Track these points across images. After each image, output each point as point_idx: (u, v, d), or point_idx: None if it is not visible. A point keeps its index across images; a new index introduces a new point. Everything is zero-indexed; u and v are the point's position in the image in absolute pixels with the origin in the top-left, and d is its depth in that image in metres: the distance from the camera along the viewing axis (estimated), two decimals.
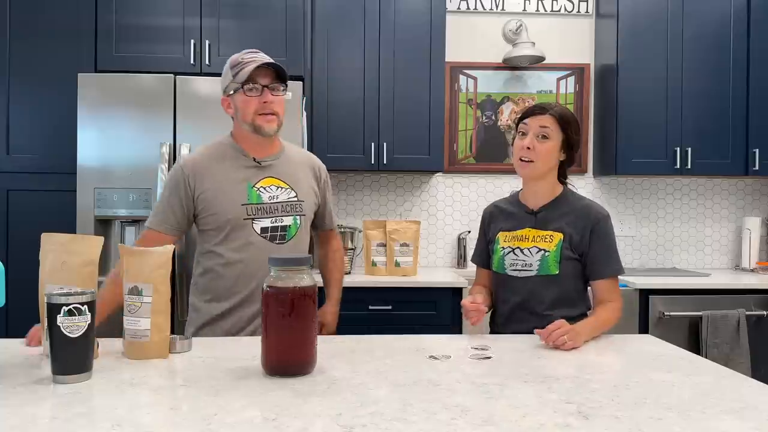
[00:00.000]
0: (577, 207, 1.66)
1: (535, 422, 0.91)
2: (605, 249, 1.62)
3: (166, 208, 1.67)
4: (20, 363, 1.22)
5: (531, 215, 1.69)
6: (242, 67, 1.61)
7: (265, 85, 1.63)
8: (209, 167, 1.68)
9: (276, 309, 1.13)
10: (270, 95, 1.63)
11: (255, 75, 1.61)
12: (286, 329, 1.13)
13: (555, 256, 1.61)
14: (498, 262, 1.70)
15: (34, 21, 2.81)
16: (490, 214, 1.80)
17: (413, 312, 2.79)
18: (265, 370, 1.15)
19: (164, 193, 1.70)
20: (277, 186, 1.71)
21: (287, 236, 1.70)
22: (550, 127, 1.61)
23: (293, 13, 2.88)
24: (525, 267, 1.64)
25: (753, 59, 3.20)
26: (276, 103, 1.64)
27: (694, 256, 3.57)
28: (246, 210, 1.65)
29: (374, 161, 3.11)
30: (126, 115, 2.62)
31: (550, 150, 1.61)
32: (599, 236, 1.62)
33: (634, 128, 3.20)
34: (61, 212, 2.68)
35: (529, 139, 1.61)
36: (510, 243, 1.69)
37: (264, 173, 1.70)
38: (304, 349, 1.15)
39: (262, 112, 1.63)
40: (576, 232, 1.62)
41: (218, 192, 1.65)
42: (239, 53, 1.67)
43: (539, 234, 1.65)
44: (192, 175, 1.66)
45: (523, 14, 3.51)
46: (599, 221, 1.62)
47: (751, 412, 0.97)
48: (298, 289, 1.13)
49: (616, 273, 1.63)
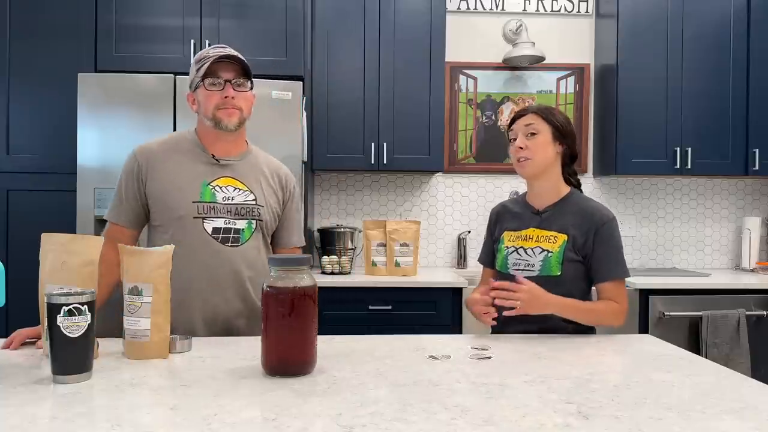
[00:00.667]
0: (582, 208, 1.65)
1: (535, 422, 0.91)
2: (610, 252, 1.62)
3: (123, 200, 1.60)
4: (20, 363, 1.22)
5: (536, 215, 1.70)
6: (206, 61, 1.55)
7: (228, 80, 1.56)
8: (163, 159, 1.60)
9: (276, 309, 1.13)
10: (232, 90, 1.56)
11: (216, 69, 1.55)
12: (286, 329, 1.13)
13: (558, 257, 1.61)
14: (501, 262, 1.71)
15: (34, 21, 2.81)
16: (497, 213, 1.81)
17: (413, 312, 2.79)
18: (265, 370, 1.15)
19: (119, 182, 1.62)
20: (234, 187, 1.61)
21: (240, 240, 1.59)
22: (535, 122, 1.64)
23: (293, 14, 2.88)
24: (527, 267, 1.64)
25: (753, 59, 3.20)
26: (239, 98, 1.57)
27: (694, 256, 3.57)
28: (197, 208, 1.56)
29: (374, 161, 3.11)
30: (126, 115, 2.63)
31: (542, 143, 1.64)
32: (604, 239, 1.61)
33: (634, 128, 3.20)
34: (61, 212, 2.68)
35: (520, 139, 1.65)
36: (514, 243, 1.69)
37: (222, 172, 1.61)
38: (304, 349, 1.15)
39: (223, 107, 1.56)
40: (580, 234, 1.62)
41: (170, 185, 1.57)
42: (205, 48, 1.63)
43: (543, 234, 1.65)
44: (145, 164, 1.59)
45: (523, 14, 3.51)
46: (605, 224, 1.62)
47: (751, 412, 0.97)
48: (298, 289, 1.13)
49: (620, 276, 1.62)
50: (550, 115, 1.65)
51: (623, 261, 1.64)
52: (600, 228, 1.62)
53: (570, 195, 1.69)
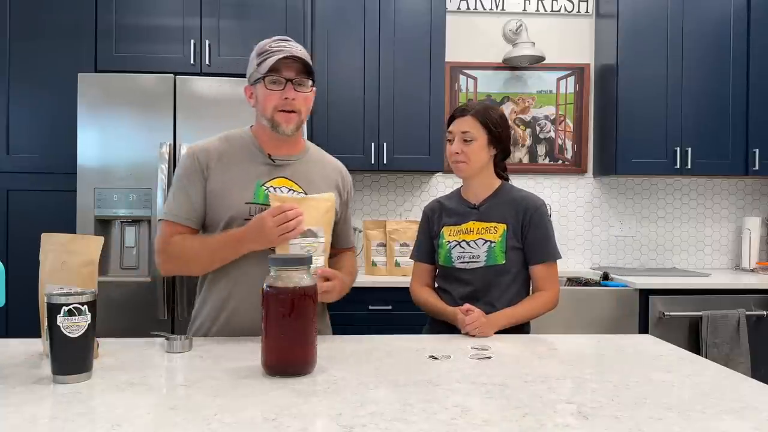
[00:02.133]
0: (514, 198, 1.75)
1: (535, 422, 0.91)
2: (540, 235, 1.71)
3: (187, 199, 1.51)
4: (20, 363, 1.22)
5: (474, 209, 1.76)
6: (267, 56, 1.47)
7: (289, 78, 1.48)
8: (220, 158, 1.54)
9: (276, 309, 1.13)
10: (293, 91, 1.49)
11: (279, 66, 1.47)
12: (286, 329, 1.13)
13: (501, 246, 1.69)
14: (445, 256, 1.75)
15: (34, 21, 2.81)
16: (434, 209, 1.85)
17: (413, 312, 2.78)
18: (265, 370, 1.15)
19: (179, 183, 1.53)
20: (289, 188, 1.54)
21: None
22: (471, 130, 1.71)
23: (293, 13, 2.88)
24: (473, 259, 1.70)
25: (753, 59, 3.20)
26: (299, 99, 1.51)
27: (694, 256, 3.57)
28: (249, 209, 1.49)
29: (374, 161, 3.11)
30: (126, 115, 2.63)
31: (476, 150, 1.71)
32: (535, 224, 1.70)
33: (634, 128, 3.20)
34: (61, 212, 2.68)
35: (456, 144, 1.72)
36: (455, 237, 1.74)
37: (277, 173, 1.55)
38: (304, 349, 1.15)
39: (282, 109, 1.50)
40: (516, 222, 1.71)
41: (225, 185, 1.51)
42: (268, 39, 1.53)
43: (483, 226, 1.73)
44: (205, 161, 1.52)
45: (523, 14, 3.51)
46: (536, 209, 1.72)
47: (751, 412, 0.97)
48: (298, 289, 1.13)
49: (550, 259, 1.71)
50: (488, 120, 1.71)
51: (554, 244, 1.74)
52: (533, 214, 1.71)
53: (502, 187, 1.79)
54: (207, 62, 2.84)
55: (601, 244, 3.54)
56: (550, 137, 3.53)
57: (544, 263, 1.71)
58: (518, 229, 1.71)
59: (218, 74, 2.78)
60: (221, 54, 2.86)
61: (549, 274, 1.72)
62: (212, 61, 2.84)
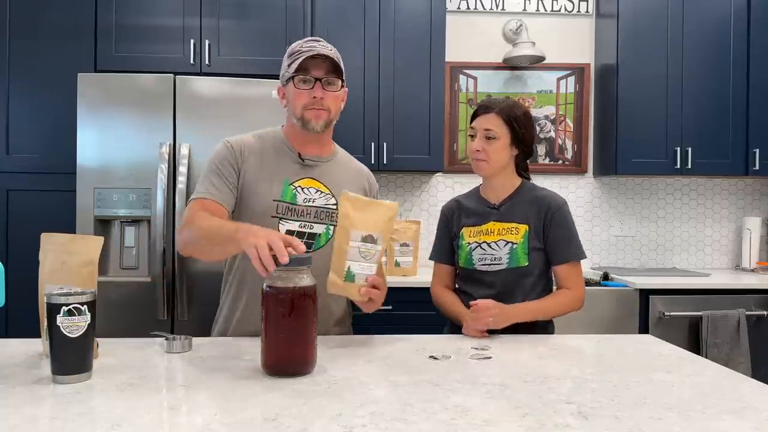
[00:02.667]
0: (536, 197, 1.70)
1: (535, 422, 0.91)
2: (562, 235, 1.66)
3: (222, 181, 1.50)
4: (20, 363, 1.22)
5: (494, 209, 1.72)
6: (299, 56, 1.50)
7: (318, 78, 1.50)
8: (253, 152, 1.55)
9: (276, 309, 1.13)
10: (321, 90, 1.50)
11: (308, 66, 1.49)
12: (285, 329, 1.13)
13: (523, 248, 1.65)
14: (465, 258, 1.72)
15: (34, 21, 2.81)
16: (452, 209, 1.81)
17: (413, 312, 2.78)
18: (264, 370, 1.15)
19: (213, 168, 1.52)
20: (316, 189, 1.55)
21: (314, 246, 1.53)
22: (494, 128, 1.67)
23: (293, 13, 2.88)
24: (494, 261, 1.67)
25: (753, 59, 3.20)
26: (328, 98, 1.52)
27: (694, 256, 3.57)
28: (276, 207, 1.51)
29: (374, 161, 3.11)
30: (126, 115, 2.62)
31: (498, 149, 1.67)
32: (557, 223, 1.66)
33: (634, 128, 3.20)
34: (61, 212, 2.68)
35: (477, 141, 1.68)
36: (476, 238, 1.71)
37: (306, 173, 1.56)
38: (303, 349, 1.15)
39: (311, 107, 1.51)
40: (537, 222, 1.67)
41: (256, 179, 1.52)
42: (300, 41, 1.55)
43: (504, 227, 1.69)
44: (239, 152, 1.53)
45: (523, 14, 3.51)
46: (558, 208, 1.67)
47: (751, 412, 0.97)
48: (298, 289, 1.13)
49: (574, 258, 1.67)
50: (512, 119, 1.67)
51: (577, 243, 1.68)
52: (555, 213, 1.67)
53: (522, 186, 1.74)
54: (207, 62, 2.84)
55: (601, 244, 3.54)
56: (551, 137, 3.53)
57: (567, 263, 1.66)
58: (540, 229, 1.66)
59: (218, 74, 2.78)
60: (221, 54, 2.86)
61: (573, 273, 1.67)
62: (212, 61, 2.84)
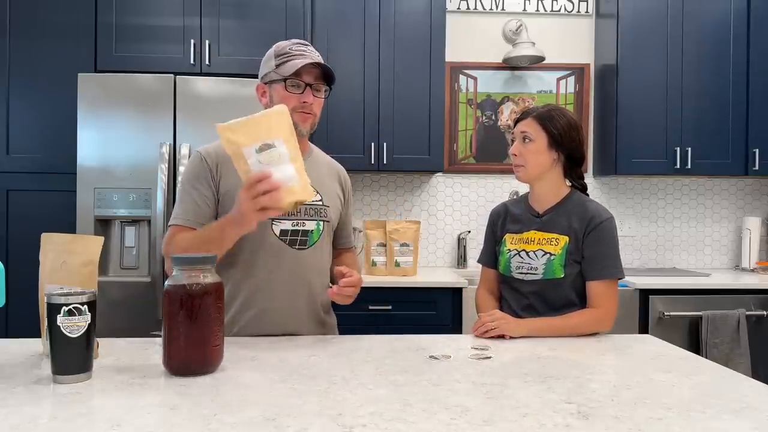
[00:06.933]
0: (581, 209, 1.64)
1: (535, 422, 0.91)
2: (599, 251, 1.60)
3: (197, 201, 1.51)
4: (20, 363, 1.22)
5: (537, 218, 1.69)
6: (288, 59, 1.50)
7: (308, 83, 1.51)
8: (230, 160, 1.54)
9: (175, 308, 1.12)
10: (311, 96, 1.52)
11: (300, 71, 1.50)
12: (187, 328, 1.12)
13: (560, 260, 1.61)
14: (504, 265, 1.70)
15: (34, 21, 2.81)
16: (499, 213, 1.80)
17: (413, 312, 2.79)
18: (167, 370, 1.14)
19: (187, 187, 1.53)
20: None
21: (308, 242, 1.57)
22: (529, 130, 1.64)
23: (293, 14, 2.88)
24: (530, 270, 1.64)
25: (753, 59, 3.20)
26: (316, 104, 1.54)
27: (694, 256, 3.57)
28: None
29: (374, 161, 3.11)
30: (126, 115, 2.63)
31: (534, 151, 1.64)
32: (597, 237, 1.60)
33: (634, 128, 3.20)
34: (61, 212, 2.68)
35: (515, 145, 1.67)
36: (516, 245, 1.69)
37: None
38: (204, 349, 1.14)
39: (300, 111, 1.51)
40: (578, 234, 1.62)
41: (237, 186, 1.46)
42: (288, 41, 1.55)
43: (545, 237, 1.65)
44: (214, 164, 1.53)
45: (523, 14, 3.51)
46: (600, 223, 1.61)
47: (751, 412, 0.97)
48: (198, 286, 1.13)
49: (609, 276, 1.59)
50: (549, 121, 1.63)
51: (616, 262, 1.61)
52: (596, 227, 1.60)
53: (569, 196, 1.68)
54: (207, 62, 2.84)
55: None
56: None
57: (600, 280, 1.59)
58: (579, 243, 1.61)
59: (218, 74, 2.78)
60: (221, 54, 2.86)
61: (604, 292, 1.58)
62: (212, 61, 2.84)
